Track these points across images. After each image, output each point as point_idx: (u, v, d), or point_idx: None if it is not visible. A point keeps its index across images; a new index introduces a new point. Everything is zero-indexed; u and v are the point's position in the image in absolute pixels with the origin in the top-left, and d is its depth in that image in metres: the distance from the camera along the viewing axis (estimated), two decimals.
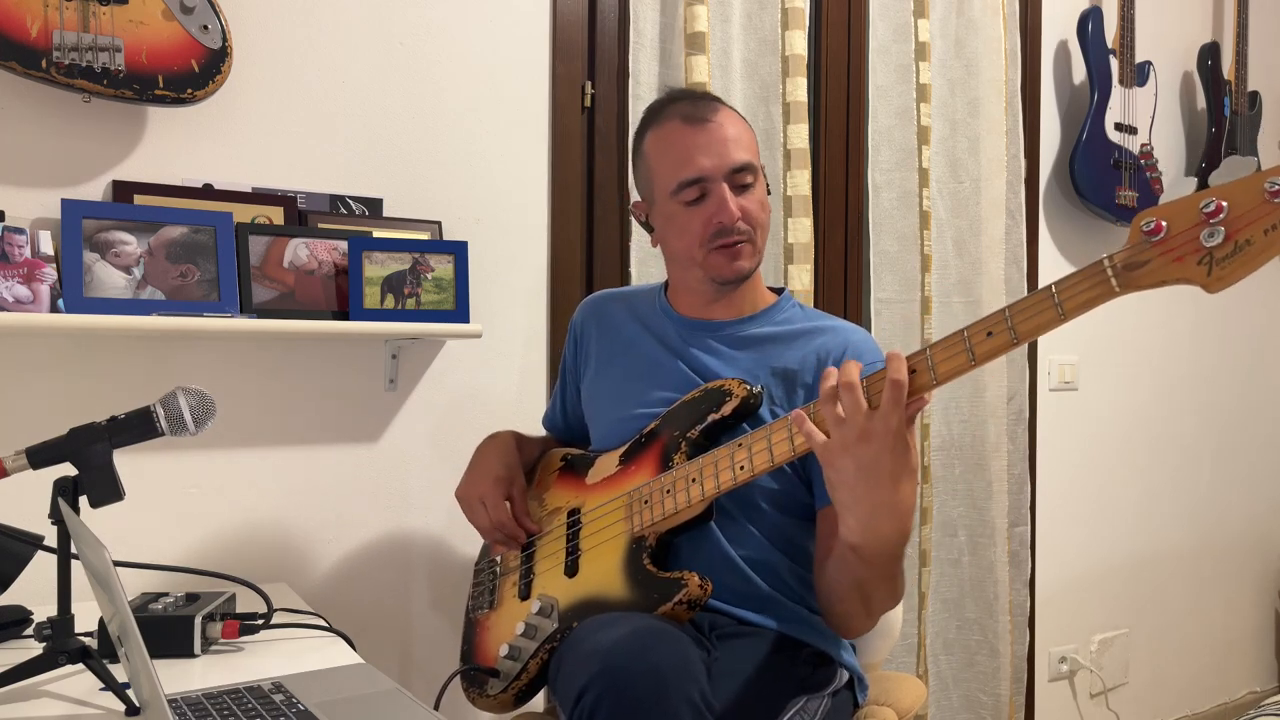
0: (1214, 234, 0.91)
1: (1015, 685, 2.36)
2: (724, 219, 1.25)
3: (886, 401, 1.01)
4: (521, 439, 1.49)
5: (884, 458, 1.01)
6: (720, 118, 1.28)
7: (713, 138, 1.26)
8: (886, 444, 1.01)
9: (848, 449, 1.02)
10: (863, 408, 1.02)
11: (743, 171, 1.27)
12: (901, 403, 1.01)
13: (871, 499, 1.04)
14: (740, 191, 1.27)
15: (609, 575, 1.23)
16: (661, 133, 1.30)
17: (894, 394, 1.01)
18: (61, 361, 1.48)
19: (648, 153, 1.33)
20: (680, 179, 1.27)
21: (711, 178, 1.26)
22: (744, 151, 1.28)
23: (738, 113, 1.34)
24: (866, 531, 1.07)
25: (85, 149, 1.49)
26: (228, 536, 1.60)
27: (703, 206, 1.27)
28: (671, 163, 1.28)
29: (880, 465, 1.02)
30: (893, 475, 1.02)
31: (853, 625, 1.23)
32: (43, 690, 1.04)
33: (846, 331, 1.33)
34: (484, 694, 1.32)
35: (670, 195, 1.28)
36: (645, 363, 1.38)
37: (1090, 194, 2.53)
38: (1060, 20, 2.57)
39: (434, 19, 1.76)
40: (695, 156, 1.26)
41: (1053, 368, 2.60)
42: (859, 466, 1.02)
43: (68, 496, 1.05)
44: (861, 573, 1.13)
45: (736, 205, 1.26)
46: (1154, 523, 2.86)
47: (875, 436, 1.01)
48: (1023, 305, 1.00)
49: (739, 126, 1.30)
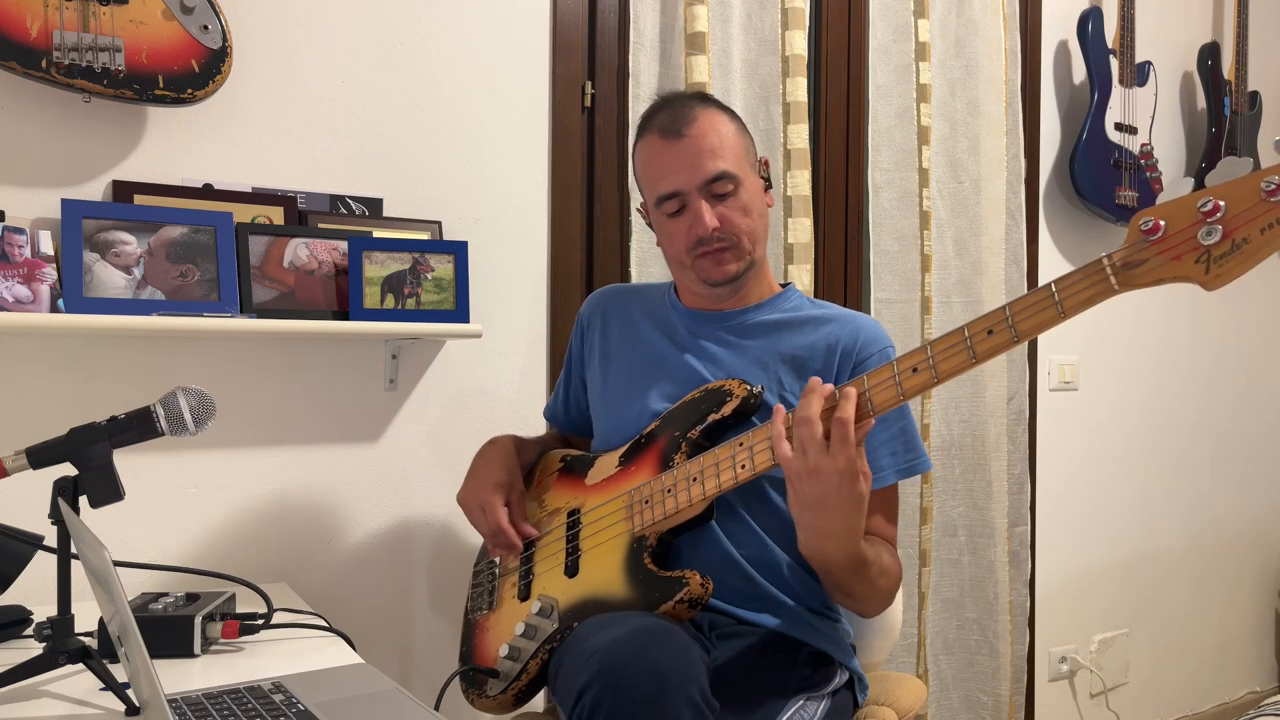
0: (1211, 232, 0.92)
1: (1015, 685, 2.36)
2: (699, 231, 1.28)
3: (835, 440, 1.07)
4: (521, 442, 1.49)
5: (831, 494, 1.08)
6: (698, 129, 1.28)
7: (687, 152, 1.27)
8: (833, 482, 1.07)
9: (801, 479, 1.09)
10: (818, 443, 1.07)
11: (720, 180, 1.27)
12: (849, 440, 1.06)
13: (816, 525, 1.11)
14: (719, 200, 1.28)
15: (610, 575, 1.23)
16: (644, 146, 1.34)
17: (840, 432, 1.06)
18: (61, 361, 1.48)
19: (636, 164, 1.37)
20: (658, 194, 1.31)
21: (686, 191, 1.28)
22: (721, 161, 1.27)
23: (728, 113, 1.33)
24: (813, 550, 1.15)
25: (85, 149, 1.49)
26: (228, 536, 1.60)
27: (683, 218, 1.30)
28: (651, 177, 1.32)
29: (828, 501, 1.08)
30: (838, 506, 1.09)
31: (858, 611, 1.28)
32: (43, 690, 1.04)
33: (857, 320, 1.34)
34: (484, 694, 1.32)
35: (655, 207, 1.33)
36: (652, 355, 1.39)
37: (1090, 194, 2.53)
38: (1060, 20, 2.57)
39: (434, 19, 1.76)
40: (669, 172, 1.29)
41: (1053, 368, 2.60)
42: (811, 497, 1.09)
43: (68, 496, 1.05)
44: (823, 576, 1.21)
45: (714, 215, 1.28)
46: (1154, 522, 2.86)
47: (824, 474, 1.07)
48: (1023, 303, 1.01)
49: (721, 133, 1.29)
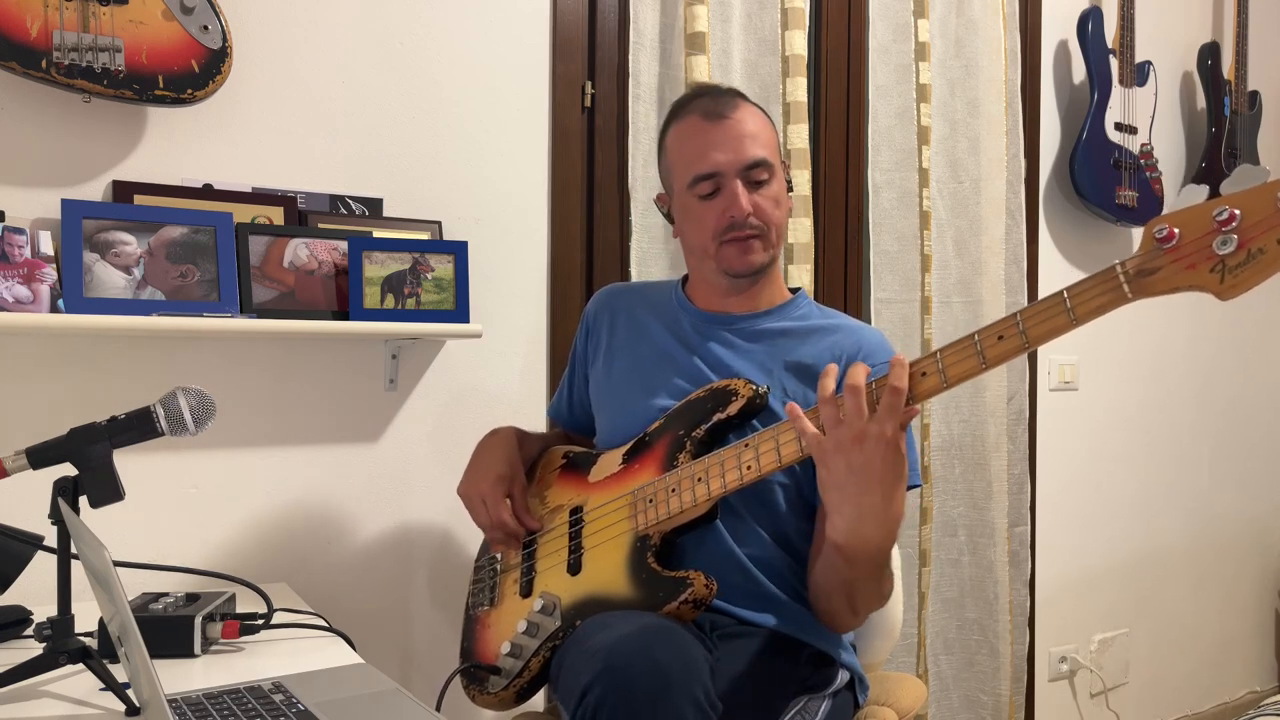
0: (1227, 242, 0.92)
1: (1015, 685, 2.36)
2: (735, 213, 1.27)
3: (884, 408, 1.03)
4: (523, 435, 1.49)
5: (876, 462, 1.03)
6: (740, 114, 1.29)
7: (729, 134, 1.27)
8: (879, 450, 1.03)
9: (842, 449, 1.04)
10: (864, 412, 1.03)
11: (758, 168, 1.28)
12: (899, 409, 1.03)
13: (859, 502, 1.06)
14: (754, 188, 1.28)
15: (613, 573, 1.23)
16: (682, 127, 1.32)
17: (892, 400, 1.03)
18: (61, 361, 1.47)
19: (669, 146, 1.35)
20: (695, 173, 1.29)
21: (725, 173, 1.27)
22: (760, 148, 1.28)
23: (762, 111, 1.34)
24: (852, 534, 1.09)
25: (85, 149, 1.49)
26: (228, 536, 1.60)
27: (716, 201, 1.28)
28: (688, 157, 1.30)
29: (871, 469, 1.04)
30: (883, 481, 1.04)
31: (839, 622, 1.25)
32: (43, 690, 1.04)
33: (860, 331, 1.34)
34: (485, 691, 1.32)
35: (687, 188, 1.31)
36: (657, 354, 1.38)
37: (1090, 194, 2.53)
38: (1060, 20, 2.57)
39: (434, 19, 1.76)
40: (710, 152, 1.27)
41: (1053, 368, 2.60)
42: (851, 469, 1.04)
43: (68, 496, 1.05)
44: (846, 573, 1.16)
45: (749, 200, 1.27)
46: (1154, 522, 2.86)
47: (870, 440, 1.03)
48: (1034, 309, 1.00)
49: (760, 124, 1.31)
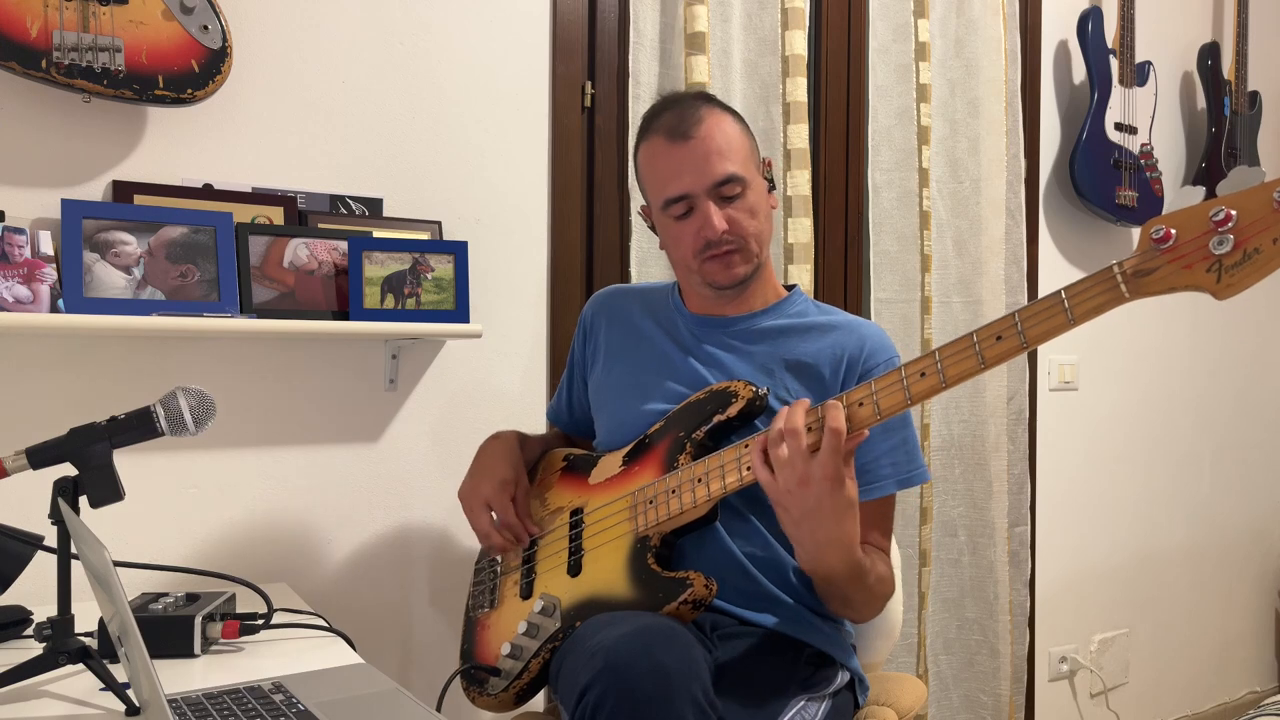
0: (1223, 242, 0.92)
1: (1015, 685, 2.36)
2: (709, 234, 1.27)
3: (825, 450, 1.07)
4: (524, 438, 1.49)
5: (825, 501, 1.08)
6: (705, 130, 1.26)
7: (695, 154, 1.25)
8: (826, 488, 1.08)
9: (791, 493, 1.09)
10: (804, 453, 1.08)
11: (728, 184, 1.26)
12: (839, 450, 1.08)
13: (815, 538, 1.12)
14: (727, 203, 1.27)
15: (613, 575, 1.23)
16: (648, 148, 1.31)
17: (832, 442, 1.07)
18: (61, 361, 1.47)
19: (640, 165, 1.35)
20: (666, 196, 1.28)
21: (695, 194, 1.27)
22: (728, 163, 1.26)
23: (733, 115, 1.32)
24: (816, 563, 1.16)
25: (85, 149, 1.49)
26: (228, 536, 1.60)
27: (691, 220, 1.28)
28: (657, 180, 1.30)
29: (822, 509, 1.09)
30: (834, 514, 1.10)
31: (852, 618, 1.30)
32: (43, 690, 1.04)
33: (861, 327, 1.34)
34: (485, 693, 1.32)
35: (660, 210, 1.31)
36: (655, 357, 1.38)
37: (1090, 194, 2.53)
38: (1060, 20, 2.57)
39: (434, 19, 1.76)
40: (678, 174, 1.27)
41: (1053, 368, 2.60)
42: (804, 511, 1.10)
43: (68, 496, 1.05)
44: (827, 589, 1.22)
45: (722, 218, 1.26)
46: (1154, 522, 2.86)
47: (814, 482, 1.08)
48: (1032, 310, 1.01)
49: (728, 135, 1.27)
